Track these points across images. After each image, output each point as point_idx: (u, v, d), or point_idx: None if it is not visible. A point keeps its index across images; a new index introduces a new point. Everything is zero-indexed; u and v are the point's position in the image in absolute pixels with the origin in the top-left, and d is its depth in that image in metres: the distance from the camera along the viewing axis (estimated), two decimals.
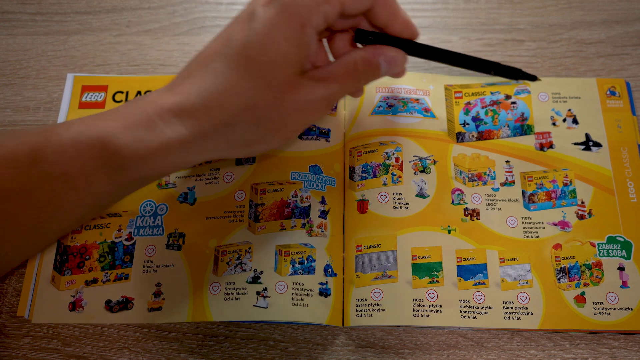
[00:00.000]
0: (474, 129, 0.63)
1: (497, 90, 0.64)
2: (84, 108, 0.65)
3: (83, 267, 0.57)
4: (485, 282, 0.56)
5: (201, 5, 0.73)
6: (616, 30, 0.69)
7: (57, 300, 0.56)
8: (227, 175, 0.60)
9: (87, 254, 0.58)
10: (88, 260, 0.58)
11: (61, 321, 0.56)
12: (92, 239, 0.58)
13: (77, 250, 0.58)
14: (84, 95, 0.65)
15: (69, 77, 0.67)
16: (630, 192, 0.60)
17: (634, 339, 0.55)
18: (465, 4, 0.72)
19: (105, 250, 0.58)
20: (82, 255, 0.58)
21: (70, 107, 0.65)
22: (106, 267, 0.57)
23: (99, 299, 0.56)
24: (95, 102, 0.65)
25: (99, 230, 0.59)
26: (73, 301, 0.56)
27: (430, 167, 0.61)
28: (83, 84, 0.66)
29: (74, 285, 0.57)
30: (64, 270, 0.57)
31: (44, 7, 0.72)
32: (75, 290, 0.57)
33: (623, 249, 0.57)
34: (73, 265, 0.57)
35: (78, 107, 0.65)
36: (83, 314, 0.56)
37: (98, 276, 0.57)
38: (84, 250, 0.58)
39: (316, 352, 0.55)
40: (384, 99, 0.64)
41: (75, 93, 0.66)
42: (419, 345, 0.55)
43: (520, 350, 0.54)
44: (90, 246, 0.58)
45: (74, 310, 0.56)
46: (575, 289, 0.56)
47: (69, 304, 0.56)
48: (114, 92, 0.66)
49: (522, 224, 0.59)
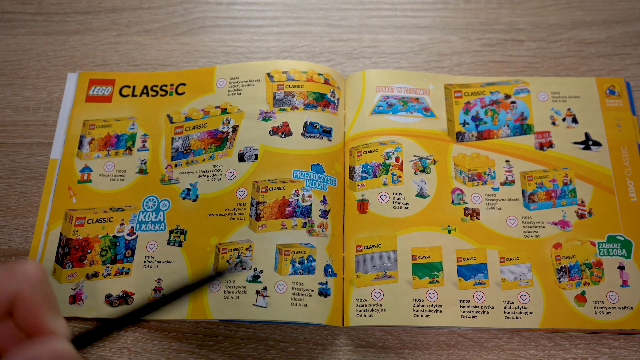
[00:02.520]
0: (474, 128, 0.63)
1: (497, 90, 0.64)
2: (92, 102, 0.65)
3: (84, 261, 0.58)
4: (486, 281, 0.56)
5: (201, 5, 0.73)
6: (616, 30, 0.69)
7: (58, 293, 0.56)
8: (229, 172, 0.60)
9: (88, 247, 0.58)
10: (90, 253, 0.58)
11: (61, 314, 0.55)
12: (94, 232, 0.58)
13: (79, 243, 0.58)
14: (91, 89, 0.66)
15: (70, 75, 0.67)
16: (630, 191, 0.60)
17: (634, 339, 0.55)
18: (465, 4, 0.72)
19: (107, 245, 0.58)
20: (84, 249, 0.58)
21: (75, 101, 0.65)
22: (107, 261, 0.58)
23: (99, 293, 0.56)
24: (102, 96, 0.66)
25: (101, 224, 0.59)
26: (73, 294, 0.56)
27: (430, 166, 0.61)
28: (90, 78, 0.67)
29: (75, 278, 0.57)
30: (65, 263, 0.57)
31: (44, 7, 0.72)
32: (76, 283, 0.57)
33: (623, 248, 0.57)
34: (74, 259, 0.58)
35: (85, 101, 0.65)
36: (83, 308, 0.56)
37: (99, 270, 0.57)
38: (86, 243, 0.58)
39: (316, 352, 0.55)
40: (384, 99, 0.64)
41: (82, 87, 0.66)
42: (419, 345, 0.55)
43: (520, 350, 0.54)
44: (93, 240, 0.58)
45: (74, 303, 0.56)
46: (576, 288, 0.56)
47: (69, 297, 0.56)
48: (121, 87, 0.66)
49: (522, 224, 0.59)
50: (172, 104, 0.65)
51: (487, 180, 0.61)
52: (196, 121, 0.63)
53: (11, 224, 0.61)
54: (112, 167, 0.62)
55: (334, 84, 0.64)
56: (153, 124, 0.64)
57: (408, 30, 0.70)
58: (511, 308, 0.55)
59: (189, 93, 0.65)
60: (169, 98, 0.65)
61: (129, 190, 0.61)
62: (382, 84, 0.64)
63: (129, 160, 0.62)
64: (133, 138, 0.63)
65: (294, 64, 0.64)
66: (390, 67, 0.68)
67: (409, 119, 0.63)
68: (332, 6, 0.72)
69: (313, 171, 0.59)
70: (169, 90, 0.66)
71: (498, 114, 0.64)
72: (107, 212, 0.59)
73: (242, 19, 0.72)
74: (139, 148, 0.63)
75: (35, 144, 0.64)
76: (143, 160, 0.62)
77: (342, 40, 0.70)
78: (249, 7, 0.72)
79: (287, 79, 0.63)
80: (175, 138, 0.63)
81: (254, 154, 0.61)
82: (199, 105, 0.64)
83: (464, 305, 0.55)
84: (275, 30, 0.71)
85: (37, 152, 0.64)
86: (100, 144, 0.63)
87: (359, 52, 0.69)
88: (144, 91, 0.66)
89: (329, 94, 0.63)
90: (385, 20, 0.71)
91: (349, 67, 0.68)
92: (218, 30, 0.71)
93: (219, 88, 0.65)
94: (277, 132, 0.61)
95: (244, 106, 0.63)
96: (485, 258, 0.57)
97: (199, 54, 0.69)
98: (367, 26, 0.71)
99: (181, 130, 0.63)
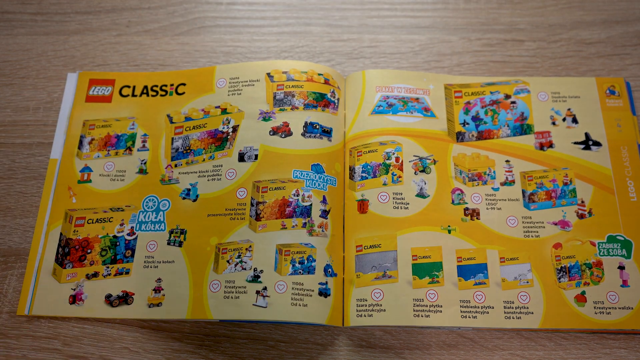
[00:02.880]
0: (474, 128, 0.63)
1: (497, 90, 0.64)
2: (91, 102, 0.65)
3: (84, 261, 0.58)
4: (486, 281, 0.56)
5: (201, 5, 0.73)
6: (616, 30, 0.69)
7: (58, 293, 0.56)
8: (229, 172, 0.60)
9: (88, 247, 0.58)
10: (90, 253, 0.58)
11: (61, 314, 0.56)
12: (94, 232, 0.58)
13: (79, 243, 0.58)
14: (91, 89, 0.66)
15: (70, 75, 0.67)
16: (630, 191, 0.60)
17: (633, 339, 0.55)
18: (465, 4, 0.72)
19: (107, 245, 0.58)
20: (84, 249, 0.58)
21: (75, 101, 0.65)
22: (107, 261, 0.58)
23: (99, 293, 0.56)
24: (102, 96, 0.66)
25: (101, 224, 0.59)
26: (73, 294, 0.56)
27: (431, 166, 0.61)
28: (90, 78, 0.67)
29: (75, 278, 0.57)
30: (65, 263, 0.57)
31: (44, 7, 0.72)
32: (76, 283, 0.57)
33: (623, 248, 0.57)
34: (75, 259, 0.57)
35: (85, 101, 0.65)
36: (83, 308, 0.56)
37: (99, 270, 0.57)
38: (86, 243, 0.58)
39: (316, 352, 0.55)
40: (384, 98, 0.64)
41: (82, 87, 0.66)
42: (419, 345, 0.55)
43: (520, 350, 0.54)
44: (93, 240, 0.58)
45: (74, 303, 0.56)
46: (576, 288, 0.56)
47: (69, 297, 0.56)
48: (121, 87, 0.66)
49: (522, 224, 0.59)
50: (172, 104, 0.65)
51: (487, 180, 0.61)
52: (196, 121, 0.63)
53: (11, 224, 0.61)
54: (112, 167, 0.62)
55: (334, 84, 0.64)
56: (153, 124, 0.64)
57: (408, 30, 0.70)
58: (511, 308, 0.55)
59: (189, 93, 0.65)
60: (169, 98, 0.65)
61: (129, 190, 0.61)
62: (382, 84, 0.64)
63: (129, 160, 0.62)
64: (133, 138, 0.63)
65: (294, 64, 0.64)
66: (390, 67, 0.68)
67: (409, 119, 0.63)
68: (332, 6, 0.72)
69: (313, 171, 0.59)
70: (169, 90, 0.66)
71: (498, 114, 0.63)
72: (107, 212, 0.59)
73: (242, 19, 0.72)
74: (139, 148, 0.63)
75: (35, 144, 0.64)
76: (143, 160, 0.62)
77: (342, 40, 0.70)
78: (249, 7, 0.72)
79: (287, 79, 0.63)
80: (175, 138, 0.63)
81: (254, 154, 0.61)
82: (199, 105, 0.64)
83: (464, 305, 0.55)
84: (275, 30, 0.71)
85: (37, 152, 0.64)
86: (100, 144, 0.63)
87: (359, 52, 0.69)
88: (144, 91, 0.66)
89: (329, 94, 0.63)
90: (385, 20, 0.71)
91: (349, 67, 0.68)
92: (218, 30, 0.71)
93: (219, 88, 0.65)
94: (277, 132, 0.61)
95: (244, 106, 0.63)
96: (485, 258, 0.57)
97: (199, 54, 0.69)
98: (367, 26, 0.71)
99: (181, 130, 0.63)
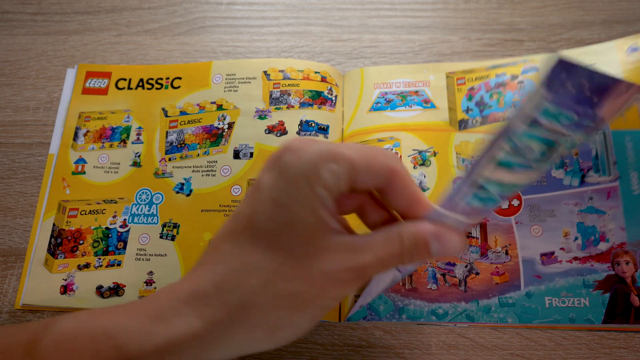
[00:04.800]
0: (478, 114, 0.62)
1: (503, 72, 0.63)
2: (88, 94, 0.66)
3: (76, 252, 0.58)
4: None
5: (201, 5, 0.73)
6: (616, 30, 0.69)
7: (49, 283, 0.56)
8: (224, 168, 0.60)
9: (81, 238, 0.58)
10: (82, 244, 0.58)
11: (52, 304, 0.55)
12: (87, 224, 0.58)
13: (72, 234, 0.58)
14: (88, 81, 0.66)
15: (69, 71, 0.67)
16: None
17: (633, 339, 0.54)
18: (465, 4, 0.72)
19: (99, 236, 0.58)
20: (76, 240, 0.58)
21: (74, 93, 0.66)
22: (99, 253, 0.58)
23: (90, 284, 0.56)
24: (99, 88, 0.66)
25: (94, 215, 0.59)
26: (65, 285, 0.56)
27: (430, 159, 0.60)
28: (87, 70, 0.67)
29: (67, 269, 0.57)
30: (57, 253, 0.57)
31: (44, 7, 0.73)
32: (68, 274, 0.57)
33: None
34: (67, 249, 0.57)
35: (81, 93, 0.66)
36: (74, 298, 0.56)
37: (91, 261, 0.57)
38: (79, 234, 0.58)
39: (316, 352, 0.53)
40: (382, 95, 0.63)
41: (79, 80, 0.66)
42: (419, 345, 0.54)
43: (520, 350, 0.53)
44: (85, 231, 0.58)
45: (65, 293, 0.56)
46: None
47: (60, 287, 0.56)
48: (117, 79, 0.66)
49: None
50: (167, 98, 0.65)
51: None
52: (191, 115, 0.63)
53: (11, 224, 0.60)
54: (106, 159, 0.62)
55: (332, 81, 0.64)
56: (148, 117, 0.64)
57: (408, 30, 0.70)
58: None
59: (184, 87, 0.65)
60: (164, 91, 0.65)
61: (123, 182, 0.61)
62: (380, 81, 0.64)
63: (123, 153, 0.62)
64: (128, 131, 0.63)
65: (291, 62, 0.64)
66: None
67: (407, 113, 0.62)
68: (332, 6, 0.72)
69: None
70: (165, 84, 0.66)
71: (504, 96, 0.62)
72: (100, 203, 0.59)
73: (242, 19, 0.72)
74: (133, 141, 0.63)
75: (35, 143, 0.64)
76: (137, 153, 0.62)
77: (342, 40, 0.70)
78: (249, 7, 0.73)
79: (284, 78, 0.63)
80: (170, 132, 0.63)
81: (249, 152, 0.60)
82: (195, 99, 0.64)
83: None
84: (275, 30, 0.71)
85: (37, 152, 0.64)
86: (95, 136, 0.63)
87: (359, 52, 0.69)
88: (140, 84, 0.66)
89: (325, 92, 0.63)
90: (385, 20, 0.71)
91: (349, 67, 0.68)
92: (218, 30, 0.71)
93: (215, 84, 0.65)
94: (272, 130, 0.61)
95: (240, 103, 0.63)
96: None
97: (198, 54, 0.69)
98: (367, 26, 0.71)
99: (176, 124, 0.63)
